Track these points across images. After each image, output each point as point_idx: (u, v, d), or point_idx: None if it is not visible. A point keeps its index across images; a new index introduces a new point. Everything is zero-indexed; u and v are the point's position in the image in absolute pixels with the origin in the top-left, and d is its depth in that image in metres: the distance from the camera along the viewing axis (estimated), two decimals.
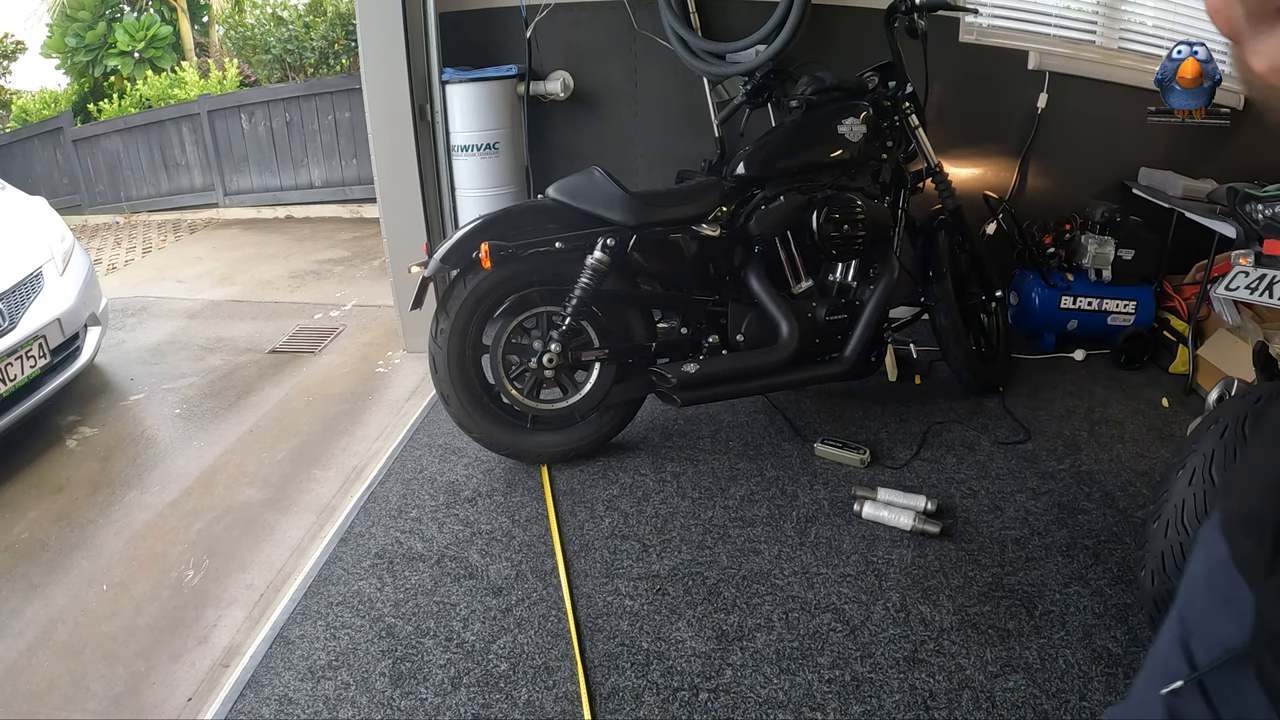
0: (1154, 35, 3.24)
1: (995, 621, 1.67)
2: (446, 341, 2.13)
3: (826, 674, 1.55)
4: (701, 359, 2.21)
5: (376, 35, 2.73)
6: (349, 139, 6.48)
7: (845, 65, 2.47)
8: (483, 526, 2.04)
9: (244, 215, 6.85)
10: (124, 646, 1.78)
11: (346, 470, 2.48)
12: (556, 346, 2.12)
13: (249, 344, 3.61)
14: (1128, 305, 2.88)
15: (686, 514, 2.07)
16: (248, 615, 1.86)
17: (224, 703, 1.54)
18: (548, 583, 1.83)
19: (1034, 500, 2.08)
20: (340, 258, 5.20)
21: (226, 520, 2.24)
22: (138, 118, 7.33)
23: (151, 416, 2.96)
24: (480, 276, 2.09)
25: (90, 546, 2.15)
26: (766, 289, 2.24)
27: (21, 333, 2.57)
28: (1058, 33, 3.14)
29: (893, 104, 2.40)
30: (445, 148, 2.98)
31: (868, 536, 1.95)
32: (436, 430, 2.53)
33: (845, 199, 2.24)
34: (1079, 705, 1.46)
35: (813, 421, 2.51)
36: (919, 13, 2.37)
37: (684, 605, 1.74)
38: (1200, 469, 1.39)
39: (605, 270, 2.10)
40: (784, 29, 2.63)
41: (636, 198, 2.15)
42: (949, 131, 2.99)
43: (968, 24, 3.01)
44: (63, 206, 5.49)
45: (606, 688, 1.53)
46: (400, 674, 1.58)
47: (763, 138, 2.38)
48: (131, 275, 5.12)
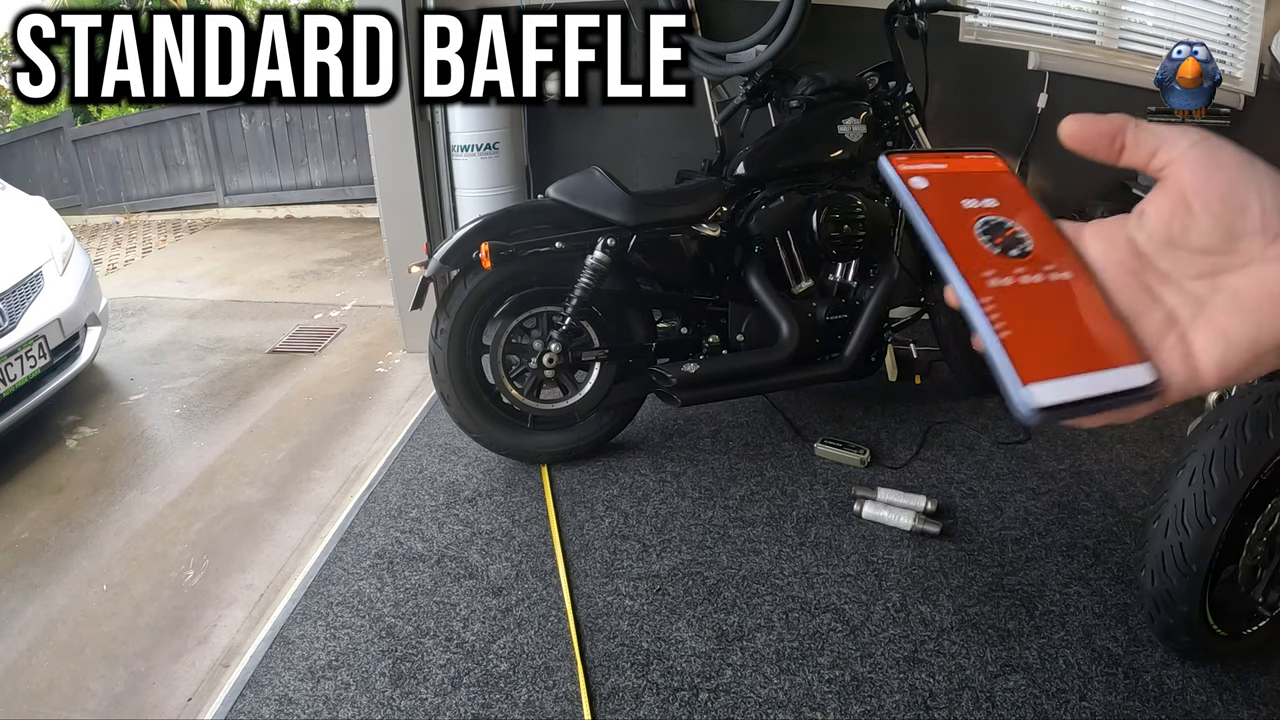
0: (1154, 35, 3.25)
1: (995, 621, 1.67)
2: (446, 341, 2.13)
3: (826, 674, 1.55)
4: (701, 359, 2.21)
5: None
6: (349, 139, 6.47)
7: (845, 65, 2.47)
8: (483, 526, 2.04)
9: (244, 215, 6.85)
10: (124, 646, 1.78)
11: (346, 470, 2.48)
12: (556, 346, 2.12)
13: (249, 344, 3.61)
14: None
15: (686, 514, 2.07)
16: (248, 615, 1.86)
17: (224, 703, 1.54)
18: (548, 583, 1.83)
19: (1034, 500, 2.08)
20: (340, 258, 5.20)
21: (226, 520, 2.24)
22: (138, 118, 7.33)
23: (151, 416, 2.96)
24: (480, 276, 2.09)
25: (90, 546, 2.15)
26: (766, 289, 2.24)
27: (21, 333, 2.57)
28: (1058, 33, 3.14)
29: (893, 104, 2.40)
30: (445, 148, 2.98)
31: (868, 536, 1.95)
32: (436, 430, 2.53)
33: (845, 199, 2.24)
34: (1079, 705, 1.46)
35: (813, 421, 2.51)
36: (919, 13, 2.37)
37: (684, 605, 1.74)
38: (1200, 469, 1.39)
39: (605, 270, 2.10)
40: (784, 29, 2.63)
41: (636, 198, 2.15)
42: (949, 131, 2.99)
43: (968, 24, 3.01)
44: (63, 206, 5.48)
45: (606, 688, 1.53)
46: (400, 674, 1.58)
47: (763, 138, 2.38)
48: (131, 275, 5.13)
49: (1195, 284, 0.32)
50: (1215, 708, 1.45)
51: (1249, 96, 3.21)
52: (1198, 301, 0.32)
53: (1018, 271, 0.32)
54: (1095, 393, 0.29)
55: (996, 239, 0.33)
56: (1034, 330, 0.30)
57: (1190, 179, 0.31)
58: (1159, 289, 0.32)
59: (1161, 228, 0.32)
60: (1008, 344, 0.30)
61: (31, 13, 2.16)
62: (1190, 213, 0.31)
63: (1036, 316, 0.31)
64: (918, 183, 0.35)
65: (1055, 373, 0.29)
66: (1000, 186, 0.36)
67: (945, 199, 0.35)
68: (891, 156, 0.36)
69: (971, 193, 0.35)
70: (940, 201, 0.34)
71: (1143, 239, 0.33)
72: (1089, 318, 0.31)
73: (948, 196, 0.35)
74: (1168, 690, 1.49)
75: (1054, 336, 0.31)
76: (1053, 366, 0.30)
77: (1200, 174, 0.31)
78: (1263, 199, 0.30)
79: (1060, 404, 0.29)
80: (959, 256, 0.32)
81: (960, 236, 0.33)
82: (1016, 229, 0.34)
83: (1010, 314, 0.31)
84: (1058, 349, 0.30)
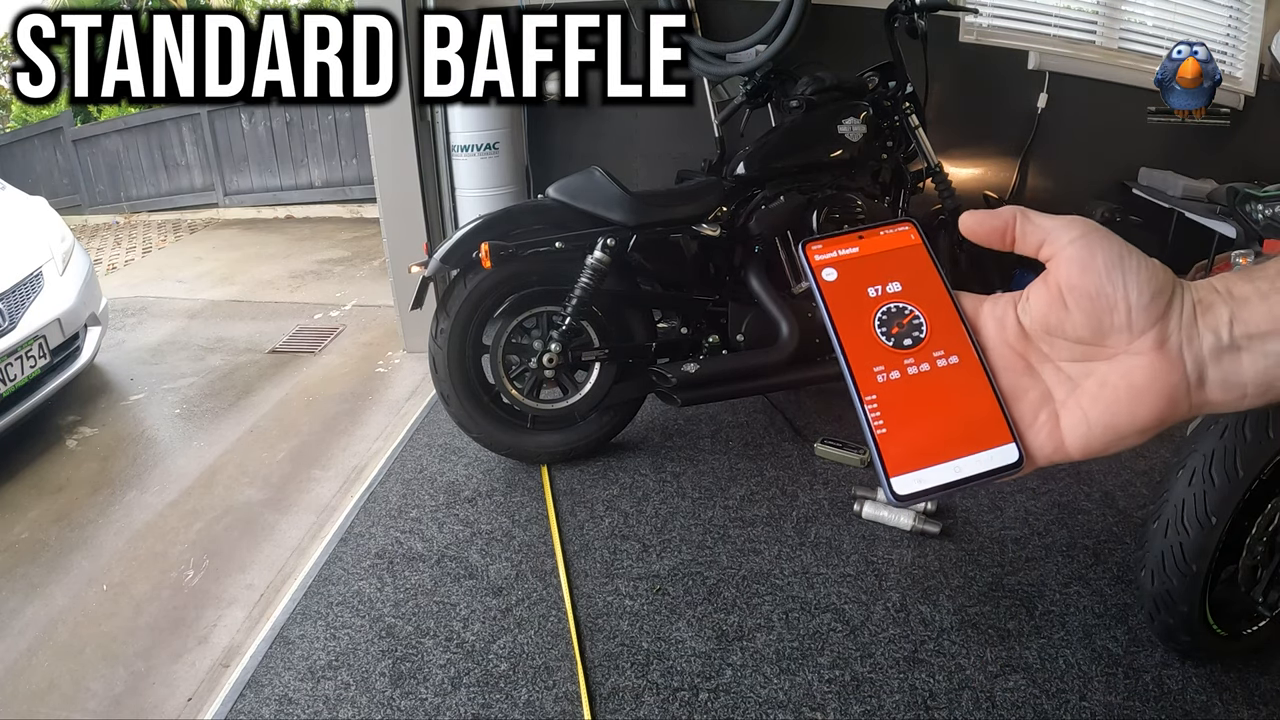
0: (1154, 35, 3.25)
1: (995, 621, 1.67)
2: (446, 341, 2.13)
3: (826, 674, 1.55)
4: (701, 359, 2.21)
5: None
6: (349, 139, 6.48)
7: (845, 65, 2.47)
8: (483, 526, 2.04)
9: (244, 215, 6.85)
10: (124, 646, 1.78)
11: (346, 470, 2.48)
12: (556, 346, 2.12)
13: (249, 344, 3.61)
14: None
15: (686, 514, 2.07)
16: (248, 615, 1.86)
17: (224, 703, 1.54)
18: (548, 583, 1.83)
19: (1034, 500, 2.08)
20: (340, 258, 5.20)
21: (226, 520, 2.24)
22: (138, 118, 7.33)
23: (151, 416, 2.96)
24: (480, 276, 2.09)
25: (90, 546, 2.15)
26: (766, 289, 2.24)
27: (21, 333, 2.57)
28: (1058, 33, 3.14)
29: (893, 104, 2.40)
30: (445, 148, 2.98)
31: (868, 536, 1.95)
32: (436, 430, 2.53)
33: (845, 199, 2.24)
34: (1079, 705, 1.46)
35: (813, 421, 2.51)
36: (919, 13, 2.37)
37: (684, 605, 1.74)
38: (1200, 469, 1.39)
39: (605, 270, 2.10)
40: (784, 29, 2.63)
41: (636, 198, 2.15)
42: (949, 131, 2.99)
43: (968, 24, 3.01)
44: (63, 206, 5.48)
45: (606, 688, 1.53)
46: (400, 674, 1.58)
47: (763, 138, 2.38)
48: (131, 275, 5.13)
49: (1070, 366, 0.35)
50: (1215, 708, 1.45)
51: (1249, 96, 3.21)
52: (1070, 383, 0.34)
53: (907, 363, 0.35)
54: (958, 477, 0.33)
55: (893, 329, 0.36)
56: (910, 424, 0.34)
57: (1066, 275, 0.34)
58: (1039, 367, 0.35)
59: (1041, 316, 0.35)
60: (881, 441, 0.34)
61: (31, 13, 2.16)
62: (1065, 307, 0.34)
63: (915, 409, 0.34)
64: (828, 275, 0.38)
65: (922, 463, 0.33)
66: (909, 264, 0.38)
67: (850, 290, 0.37)
68: (808, 245, 0.39)
69: (879, 277, 0.38)
70: (845, 294, 0.37)
71: (1028, 322, 0.35)
72: (967, 403, 0.34)
73: (854, 286, 0.37)
74: (1168, 690, 1.49)
75: (928, 428, 0.34)
76: (921, 457, 0.34)
77: (1075, 272, 0.33)
78: (1129, 298, 0.32)
79: (922, 490, 0.33)
80: (852, 354, 0.35)
81: (858, 331, 0.36)
82: (914, 315, 0.36)
83: (889, 411, 0.34)
84: (930, 439, 0.34)
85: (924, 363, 0.35)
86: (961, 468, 0.34)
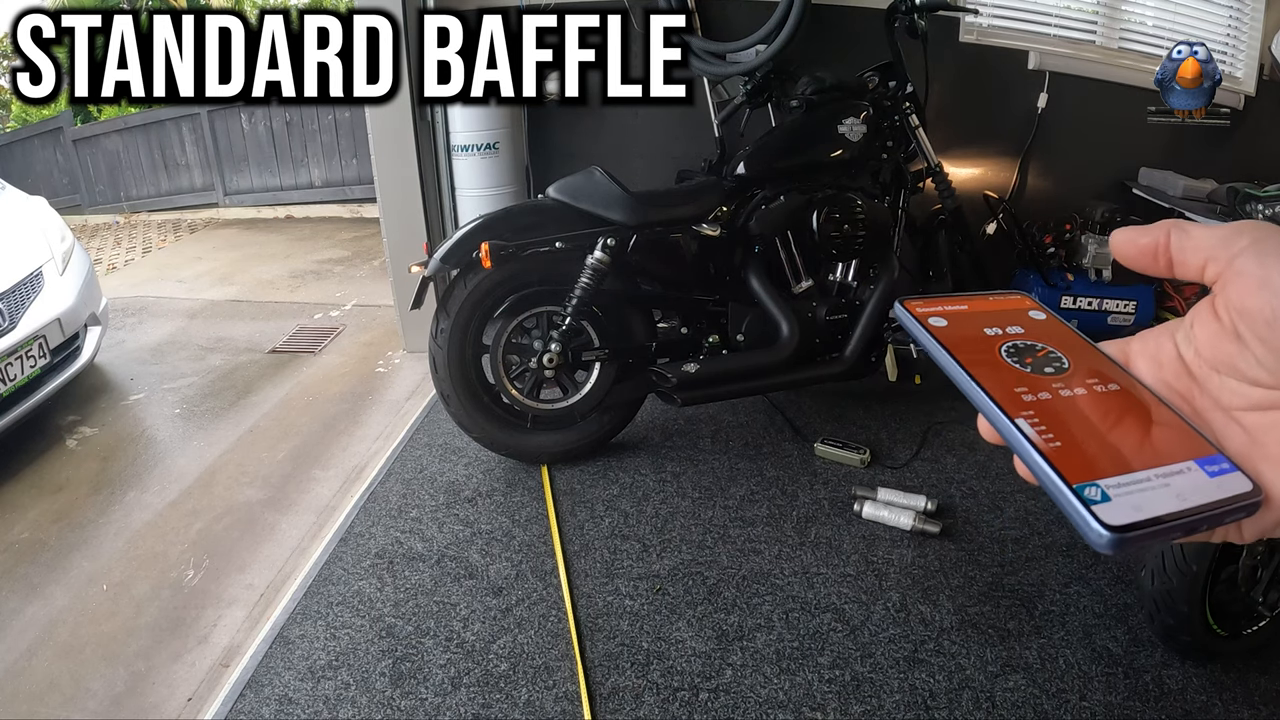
0: (1154, 35, 3.24)
1: (995, 621, 1.67)
2: (446, 341, 2.13)
3: (826, 674, 1.55)
4: (702, 359, 2.21)
5: None
6: (349, 139, 6.48)
7: (845, 65, 2.47)
8: (483, 526, 2.04)
9: (244, 215, 6.85)
10: (124, 646, 1.78)
11: (346, 470, 2.48)
12: (557, 346, 2.12)
13: (249, 344, 3.61)
14: (1128, 305, 2.89)
15: (686, 514, 2.07)
16: (248, 615, 1.86)
17: (224, 703, 1.54)
18: (548, 583, 1.83)
19: (1034, 500, 2.08)
20: (340, 258, 5.19)
21: (226, 520, 2.24)
22: (138, 118, 7.33)
23: (151, 416, 2.96)
24: (480, 276, 2.09)
25: (90, 546, 2.15)
26: (767, 289, 2.24)
27: (21, 333, 2.56)
28: (1058, 33, 3.14)
29: (893, 104, 2.40)
30: (445, 148, 2.98)
31: (868, 536, 1.95)
32: (436, 430, 2.53)
33: (845, 199, 2.24)
34: (1079, 705, 1.46)
35: (813, 421, 2.51)
36: (919, 13, 2.37)
37: (684, 605, 1.74)
38: None
39: (605, 270, 2.10)
40: (784, 29, 2.63)
41: (636, 198, 2.15)
42: (949, 131, 2.99)
43: (968, 24, 3.01)
44: (63, 206, 5.47)
45: (606, 688, 1.53)
46: (400, 674, 1.58)
47: (763, 138, 2.38)
48: (131, 275, 5.12)
49: (1248, 417, 0.27)
50: (1215, 708, 1.45)
51: (1249, 96, 3.21)
52: (1247, 438, 0.27)
53: (1056, 386, 0.29)
54: (1183, 506, 0.25)
55: (1026, 359, 0.31)
56: (1086, 437, 0.27)
57: (1237, 297, 0.27)
58: (1208, 416, 0.28)
59: (1208, 350, 0.28)
60: (1053, 455, 0.26)
61: (31, 13, 2.16)
62: (1237, 338, 0.27)
63: (1086, 423, 0.28)
64: (936, 321, 0.33)
65: (1116, 471, 0.26)
66: (1028, 318, 0.33)
67: (966, 331, 0.32)
68: (907, 301, 0.34)
69: (996, 323, 0.33)
70: (960, 333, 0.32)
71: (1190, 355, 0.29)
72: (1148, 415, 0.28)
73: (969, 328, 0.32)
74: (1168, 690, 1.49)
75: (1110, 439, 0.27)
76: (1112, 467, 0.26)
77: (1247, 291, 0.26)
78: None
79: (1141, 521, 0.24)
80: (985, 380, 0.29)
81: (984, 360, 0.30)
82: (1048, 350, 0.31)
83: (1054, 424, 0.27)
84: (1116, 450, 0.27)
85: (1077, 387, 0.29)
86: (1183, 492, 0.25)
